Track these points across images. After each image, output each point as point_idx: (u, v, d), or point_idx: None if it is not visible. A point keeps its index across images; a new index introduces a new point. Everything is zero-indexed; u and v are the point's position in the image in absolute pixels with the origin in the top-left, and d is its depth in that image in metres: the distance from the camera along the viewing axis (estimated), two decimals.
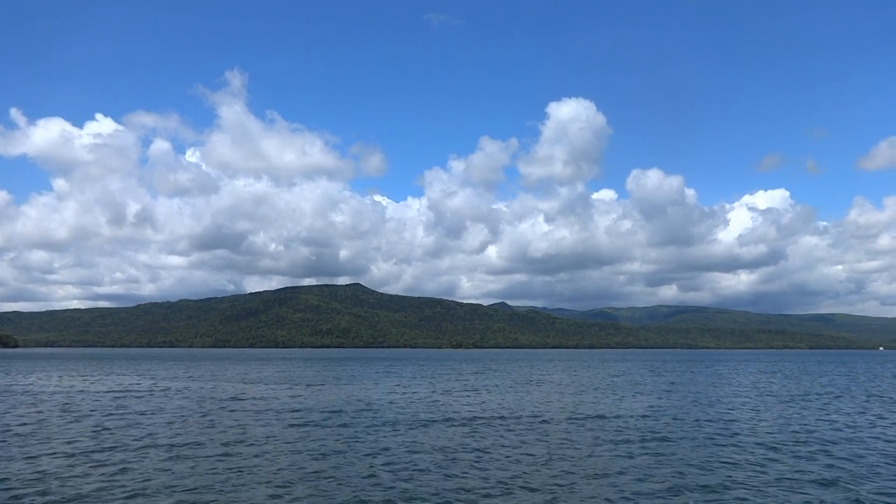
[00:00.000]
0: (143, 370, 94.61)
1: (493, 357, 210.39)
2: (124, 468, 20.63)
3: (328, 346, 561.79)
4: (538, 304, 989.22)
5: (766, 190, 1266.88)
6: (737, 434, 28.63)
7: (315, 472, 20.40)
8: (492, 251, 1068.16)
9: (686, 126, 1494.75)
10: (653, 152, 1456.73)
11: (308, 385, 60.23)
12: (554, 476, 19.94)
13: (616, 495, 17.71)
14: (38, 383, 63.53)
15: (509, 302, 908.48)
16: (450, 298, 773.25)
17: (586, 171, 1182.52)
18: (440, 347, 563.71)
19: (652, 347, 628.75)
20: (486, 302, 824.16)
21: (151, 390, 53.66)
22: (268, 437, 27.27)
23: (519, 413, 36.54)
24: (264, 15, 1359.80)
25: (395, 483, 18.90)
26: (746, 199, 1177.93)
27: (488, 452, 23.76)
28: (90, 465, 21.14)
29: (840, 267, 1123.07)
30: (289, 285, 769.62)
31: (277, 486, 18.42)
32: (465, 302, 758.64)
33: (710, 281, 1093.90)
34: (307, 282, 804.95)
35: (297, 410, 37.64)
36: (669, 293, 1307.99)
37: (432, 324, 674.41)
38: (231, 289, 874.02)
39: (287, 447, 24.74)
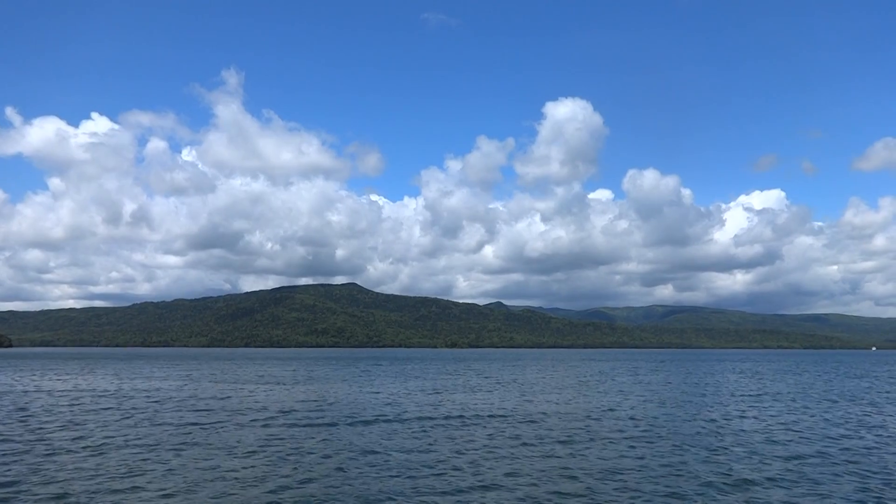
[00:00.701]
0: (123, 370, 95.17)
1: (481, 357, 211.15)
2: (35, 468, 21.35)
3: (323, 346, 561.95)
4: (534, 303, 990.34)
5: (762, 190, 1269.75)
6: (647, 431, 29.39)
7: (226, 471, 21.06)
8: (488, 251, 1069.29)
9: (682, 126, 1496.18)
10: (649, 152, 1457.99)
11: (277, 384, 60.88)
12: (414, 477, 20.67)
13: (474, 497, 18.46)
14: (3, 382, 64.18)
15: (506, 302, 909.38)
16: (446, 298, 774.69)
17: (583, 170, 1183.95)
18: (435, 347, 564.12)
19: (647, 347, 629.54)
20: (482, 301, 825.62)
21: (118, 389, 54.38)
22: (190, 440, 27.96)
23: (452, 412, 37.23)
24: (261, 14, 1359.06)
25: (283, 479, 19.64)
26: (742, 199, 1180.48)
27: (376, 453, 24.30)
28: None
29: (835, 267, 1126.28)
30: (285, 285, 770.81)
31: (157, 490, 19.06)
32: (460, 302, 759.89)
33: (706, 281, 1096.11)
34: (303, 281, 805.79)
35: (249, 409, 38.31)
36: (665, 293, 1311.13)
37: (428, 323, 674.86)
38: (227, 288, 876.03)
39: (200, 448, 25.42)
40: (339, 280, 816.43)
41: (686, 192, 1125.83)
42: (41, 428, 30.33)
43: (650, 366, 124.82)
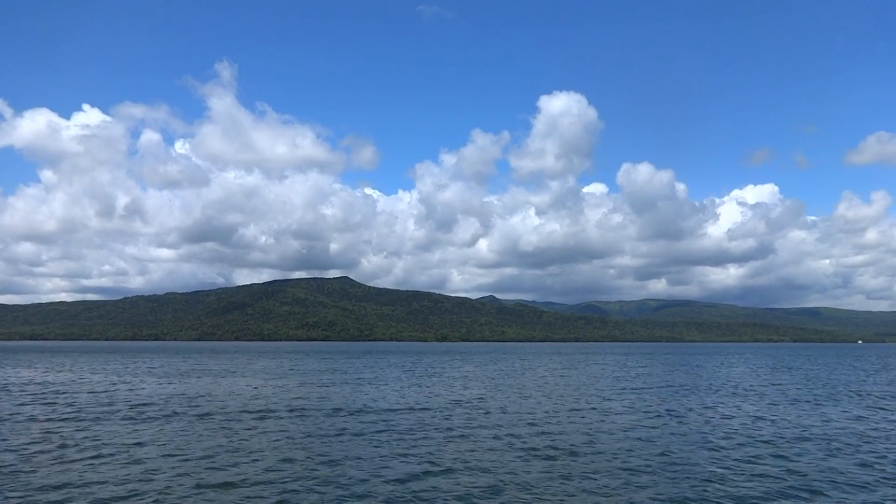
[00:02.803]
0: (92, 363, 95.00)
1: (462, 350, 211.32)
2: None
3: (314, 340, 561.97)
4: (528, 297, 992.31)
5: (755, 185, 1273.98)
6: (516, 426, 29.50)
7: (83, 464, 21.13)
8: (482, 244, 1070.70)
9: (677, 120, 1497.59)
10: (644, 146, 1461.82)
11: (217, 376, 60.87)
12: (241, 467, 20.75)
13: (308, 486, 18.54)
14: None
15: (500, 295, 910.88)
16: (439, 292, 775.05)
17: (577, 164, 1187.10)
18: (426, 341, 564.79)
19: (638, 341, 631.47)
20: (476, 295, 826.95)
21: (71, 381, 54.54)
22: (84, 435, 28.00)
23: (359, 406, 37.35)
24: (254, 6, 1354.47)
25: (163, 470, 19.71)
26: (736, 193, 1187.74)
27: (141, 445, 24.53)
28: None
29: (827, 261, 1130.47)
30: (278, 278, 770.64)
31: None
32: (452, 295, 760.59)
33: (700, 275, 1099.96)
34: (297, 275, 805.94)
35: (99, 404, 38.34)
36: (659, 287, 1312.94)
37: (419, 317, 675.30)
38: (220, 282, 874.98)
39: (89, 442, 25.46)
40: (333, 273, 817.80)
41: (680, 187, 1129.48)
42: None
43: (616, 359, 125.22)
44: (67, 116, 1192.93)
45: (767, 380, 63.83)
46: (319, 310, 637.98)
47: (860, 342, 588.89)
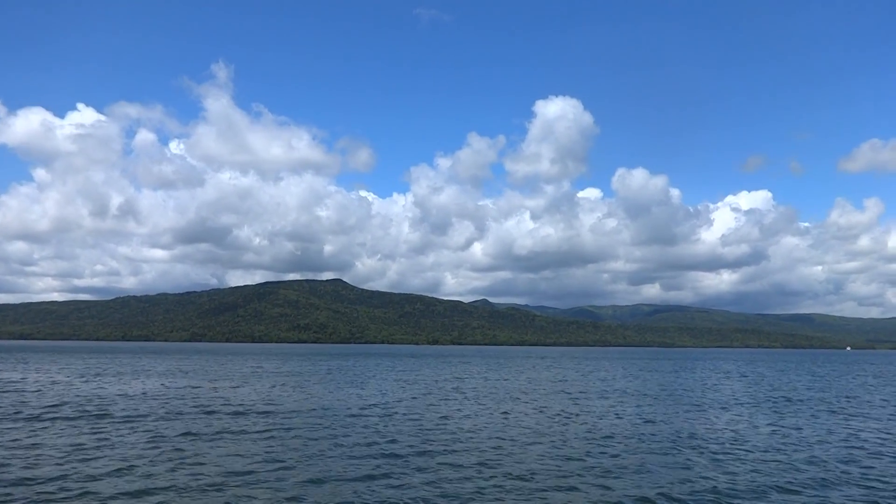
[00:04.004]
0: (59, 363, 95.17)
1: (447, 353, 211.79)
2: None
3: (305, 342, 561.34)
4: (521, 301, 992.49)
5: (749, 191, 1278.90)
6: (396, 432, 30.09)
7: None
8: (477, 248, 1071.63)
9: (672, 126, 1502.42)
10: (638, 152, 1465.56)
11: (162, 376, 61.32)
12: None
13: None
14: None
15: (493, 299, 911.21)
16: (433, 295, 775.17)
17: (572, 169, 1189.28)
18: (417, 344, 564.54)
19: (629, 346, 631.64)
20: (469, 299, 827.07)
21: (22, 380, 55.13)
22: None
23: (255, 407, 37.92)
24: (251, 7, 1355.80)
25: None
26: (730, 199, 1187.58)
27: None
28: None
29: (820, 268, 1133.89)
30: (272, 280, 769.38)
31: None
32: (445, 298, 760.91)
33: (693, 280, 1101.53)
34: (291, 277, 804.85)
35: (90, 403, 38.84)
36: (652, 292, 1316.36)
37: (411, 320, 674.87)
38: (214, 283, 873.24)
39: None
40: (327, 276, 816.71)
41: (674, 192, 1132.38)
42: None
43: (576, 364, 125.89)
44: (62, 115, 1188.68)
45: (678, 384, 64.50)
46: (311, 312, 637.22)
47: (849, 348, 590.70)
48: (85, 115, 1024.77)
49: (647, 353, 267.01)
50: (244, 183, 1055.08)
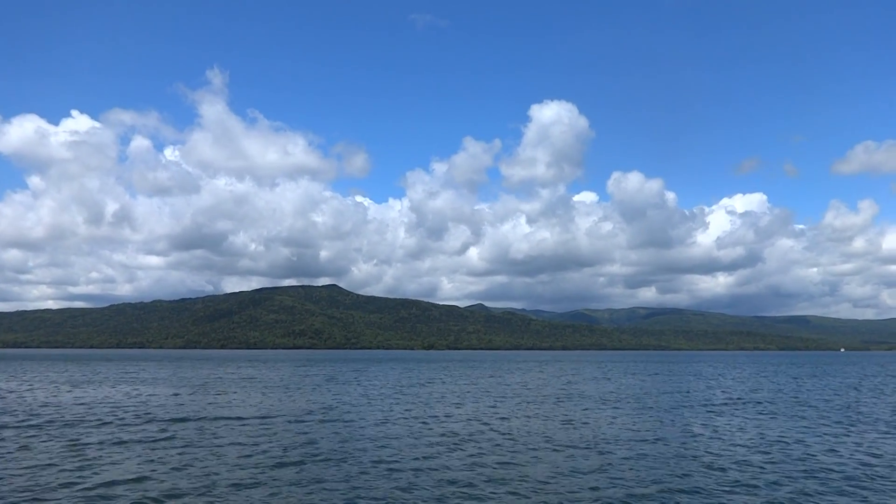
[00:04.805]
0: (36, 371, 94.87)
1: (438, 358, 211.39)
2: None
3: (300, 348, 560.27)
4: (518, 305, 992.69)
5: (744, 193, 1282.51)
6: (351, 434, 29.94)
7: None
8: (473, 252, 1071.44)
9: (667, 130, 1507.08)
10: (634, 155, 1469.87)
11: (129, 382, 61.09)
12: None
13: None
14: None
15: (489, 303, 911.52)
16: (429, 300, 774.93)
17: (568, 173, 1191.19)
18: (413, 349, 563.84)
19: (625, 349, 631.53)
20: (466, 303, 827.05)
21: None
22: None
23: (215, 414, 37.76)
24: (246, 13, 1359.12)
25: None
26: (725, 202, 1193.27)
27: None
28: None
29: (815, 269, 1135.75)
30: (267, 286, 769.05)
31: None
32: (440, 303, 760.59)
33: (689, 283, 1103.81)
34: (287, 283, 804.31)
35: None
36: (648, 295, 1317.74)
37: (407, 325, 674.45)
38: (209, 290, 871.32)
39: None
40: (323, 281, 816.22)
41: (670, 195, 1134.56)
42: None
43: (559, 367, 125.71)
44: (56, 122, 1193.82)
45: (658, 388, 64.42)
46: (306, 318, 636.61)
47: (842, 350, 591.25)
48: (79, 122, 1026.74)
49: (635, 357, 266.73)
50: (240, 189, 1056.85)
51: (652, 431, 31.72)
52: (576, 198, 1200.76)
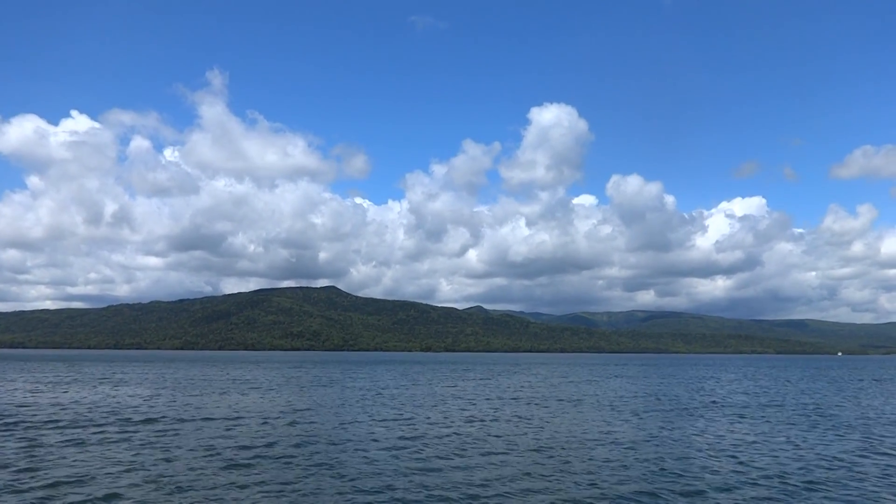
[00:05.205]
0: (21, 372, 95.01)
1: (418, 360, 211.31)
2: None
3: (298, 349, 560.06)
4: (516, 308, 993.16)
5: (743, 197, 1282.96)
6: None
7: None
8: (472, 255, 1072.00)
9: (666, 133, 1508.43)
10: (633, 158, 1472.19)
11: (111, 383, 61.22)
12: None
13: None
14: None
15: (488, 306, 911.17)
16: (427, 302, 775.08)
17: (567, 175, 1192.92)
18: (410, 351, 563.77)
19: (623, 352, 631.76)
20: (464, 305, 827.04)
21: None
22: None
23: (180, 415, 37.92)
24: (246, 14, 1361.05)
25: None
26: (724, 205, 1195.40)
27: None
28: None
29: (813, 273, 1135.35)
30: (265, 287, 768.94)
31: None
32: (439, 305, 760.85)
33: (687, 286, 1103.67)
34: (285, 284, 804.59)
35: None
36: (647, 298, 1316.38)
37: (405, 327, 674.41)
38: (208, 291, 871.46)
39: None
40: (322, 283, 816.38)
41: (669, 199, 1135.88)
42: None
43: (544, 369, 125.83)
44: (56, 123, 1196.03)
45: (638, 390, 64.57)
46: (305, 319, 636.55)
47: (840, 354, 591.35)
48: (79, 123, 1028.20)
49: (630, 360, 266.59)
50: (239, 190, 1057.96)
51: (610, 434, 31.90)
52: (575, 200, 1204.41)
